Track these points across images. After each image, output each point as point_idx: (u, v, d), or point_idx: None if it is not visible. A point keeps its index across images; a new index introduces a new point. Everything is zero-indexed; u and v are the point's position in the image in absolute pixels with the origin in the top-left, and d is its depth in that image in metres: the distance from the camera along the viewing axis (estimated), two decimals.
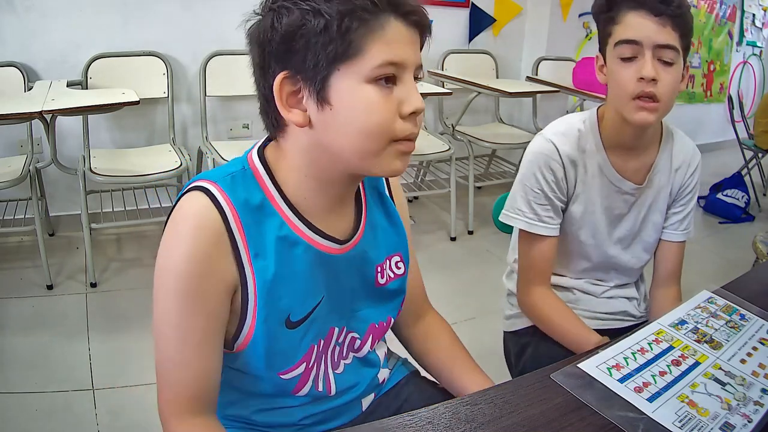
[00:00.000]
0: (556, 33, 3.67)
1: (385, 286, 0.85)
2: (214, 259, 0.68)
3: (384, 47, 0.65)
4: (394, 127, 0.67)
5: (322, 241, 0.75)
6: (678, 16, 0.98)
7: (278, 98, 0.67)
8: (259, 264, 0.70)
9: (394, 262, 0.86)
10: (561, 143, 1.12)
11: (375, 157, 0.68)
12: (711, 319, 0.92)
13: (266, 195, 0.72)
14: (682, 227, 1.21)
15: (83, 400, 1.68)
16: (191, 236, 0.67)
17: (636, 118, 1.03)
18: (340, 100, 0.65)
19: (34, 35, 2.53)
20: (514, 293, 1.31)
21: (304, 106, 0.67)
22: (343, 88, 0.65)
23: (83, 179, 2.32)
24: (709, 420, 0.70)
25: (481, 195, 3.48)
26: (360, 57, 0.64)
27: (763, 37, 5.70)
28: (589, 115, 1.16)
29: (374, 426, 0.71)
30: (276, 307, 0.72)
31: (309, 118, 0.67)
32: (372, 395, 0.92)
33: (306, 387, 0.80)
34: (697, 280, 1.18)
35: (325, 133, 0.68)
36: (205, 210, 0.68)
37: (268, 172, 0.73)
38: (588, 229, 1.18)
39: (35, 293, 2.25)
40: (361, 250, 0.81)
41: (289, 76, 0.66)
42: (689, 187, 1.19)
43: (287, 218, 0.73)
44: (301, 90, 0.67)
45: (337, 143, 0.68)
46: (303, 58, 0.65)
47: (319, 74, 0.65)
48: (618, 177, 1.14)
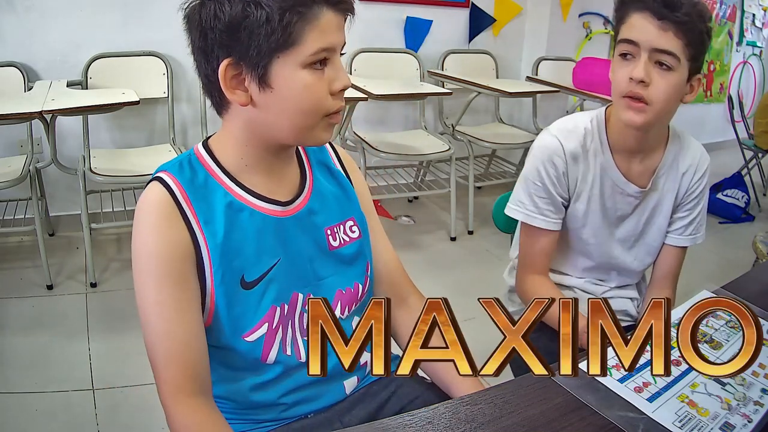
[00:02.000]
0: (556, 33, 3.67)
1: (340, 249, 0.89)
2: (169, 231, 0.75)
3: (318, 36, 0.72)
4: (326, 103, 0.76)
5: (265, 205, 0.82)
6: (684, 23, 0.97)
7: (223, 82, 0.74)
8: (209, 229, 0.78)
9: (348, 227, 0.91)
10: (565, 140, 1.12)
11: (309, 131, 0.77)
12: (711, 319, 0.92)
13: (209, 172, 0.81)
14: (687, 232, 1.20)
15: (83, 400, 1.68)
16: (147, 216, 0.76)
17: (623, 116, 1.04)
18: (280, 83, 0.73)
19: (34, 35, 2.53)
20: (515, 290, 1.31)
21: (246, 87, 0.74)
22: (282, 73, 0.72)
23: (83, 179, 2.32)
24: (709, 420, 0.70)
25: (481, 195, 3.48)
26: (298, 46, 0.71)
27: (763, 37, 5.70)
28: (596, 114, 1.16)
29: (374, 426, 0.71)
30: (229, 267, 0.78)
31: (251, 98, 0.75)
32: (355, 379, 0.92)
33: (273, 350, 0.83)
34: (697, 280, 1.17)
35: (266, 112, 0.76)
36: (156, 192, 0.77)
37: (210, 155, 0.82)
38: (590, 228, 1.18)
39: (35, 293, 2.25)
40: (309, 212, 0.87)
41: (232, 62, 0.73)
42: (696, 192, 1.19)
43: (229, 188, 0.81)
44: (244, 74, 0.73)
45: (276, 120, 0.76)
46: (246, 47, 0.71)
47: (261, 61, 0.72)
48: (622, 179, 1.14)
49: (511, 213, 1.19)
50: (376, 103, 3.00)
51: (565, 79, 3.40)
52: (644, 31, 0.99)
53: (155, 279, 0.75)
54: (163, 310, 0.75)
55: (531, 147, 1.18)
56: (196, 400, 0.75)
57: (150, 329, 0.76)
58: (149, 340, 0.76)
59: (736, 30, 5.35)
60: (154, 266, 0.75)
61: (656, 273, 1.24)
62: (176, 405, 0.74)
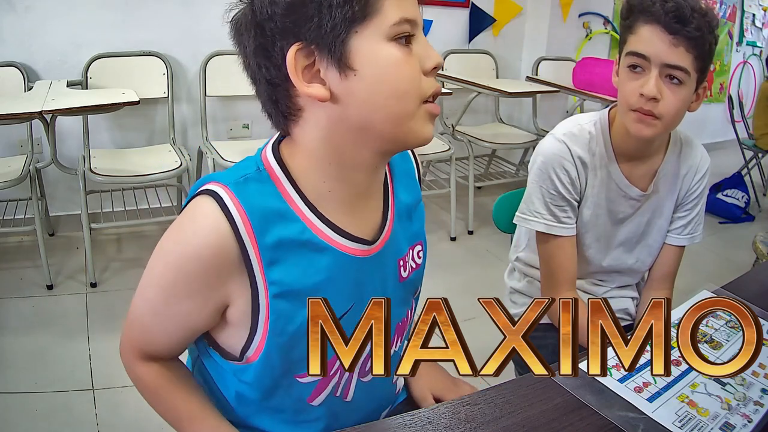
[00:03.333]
0: (556, 33, 3.67)
1: (408, 279, 0.79)
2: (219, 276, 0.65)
3: (397, 4, 0.61)
4: (422, 84, 0.63)
5: (350, 244, 0.70)
6: (694, 38, 0.96)
7: (294, 74, 0.61)
8: (274, 274, 0.65)
9: (416, 252, 0.81)
10: (573, 144, 1.11)
11: (409, 121, 0.64)
12: (711, 319, 0.92)
13: (284, 198, 0.66)
14: (685, 232, 1.20)
15: (83, 400, 1.68)
16: (194, 241, 0.64)
17: (632, 129, 1.03)
18: (364, 63, 0.61)
19: (34, 35, 2.52)
20: (516, 291, 1.31)
21: (322, 78, 0.62)
22: (365, 50, 0.60)
23: (83, 179, 2.32)
24: (709, 420, 0.70)
25: (481, 195, 3.48)
26: (377, 16, 0.60)
27: (763, 37, 5.70)
28: (600, 117, 1.15)
29: (374, 426, 0.71)
30: (294, 318, 0.67)
31: (330, 91, 0.62)
32: (389, 407, 0.89)
33: (323, 393, 0.75)
34: (697, 280, 1.17)
35: (352, 104, 0.62)
36: (213, 215, 0.63)
37: (284, 171, 0.67)
38: (593, 233, 1.18)
39: (35, 293, 2.25)
40: (389, 247, 0.75)
41: (302, 47, 0.60)
42: (696, 192, 1.18)
43: (309, 222, 0.67)
44: (317, 61, 0.61)
45: (366, 112, 0.63)
46: (318, 24, 0.59)
47: (338, 39, 0.60)
48: (626, 182, 1.14)
49: (526, 224, 1.15)
50: None
51: (565, 79, 3.40)
52: (655, 45, 0.97)
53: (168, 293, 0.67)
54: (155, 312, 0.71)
55: (537, 152, 1.15)
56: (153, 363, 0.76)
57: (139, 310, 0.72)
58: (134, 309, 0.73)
59: (736, 30, 5.34)
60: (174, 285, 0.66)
61: (654, 273, 1.23)
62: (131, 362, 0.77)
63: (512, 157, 3.71)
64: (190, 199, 0.67)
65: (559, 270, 1.15)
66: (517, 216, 1.18)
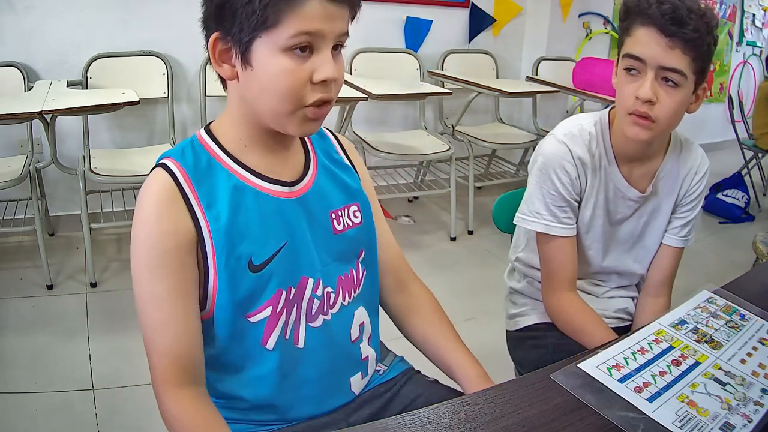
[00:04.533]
0: (556, 33, 3.67)
1: (344, 233, 0.89)
2: (168, 220, 0.75)
3: (300, 20, 0.71)
4: (303, 92, 0.74)
5: (270, 186, 0.82)
6: (691, 41, 0.95)
7: (212, 54, 0.77)
8: (212, 213, 0.77)
9: (351, 211, 0.91)
10: (573, 145, 1.11)
11: (285, 118, 0.76)
12: (711, 319, 0.92)
13: (211, 155, 0.81)
14: (682, 233, 1.19)
15: (83, 400, 1.68)
16: (147, 204, 0.76)
17: (629, 132, 1.03)
18: (259, 64, 0.73)
19: (34, 35, 2.53)
20: (516, 291, 1.31)
21: (233, 62, 0.76)
22: (262, 53, 0.73)
23: (83, 179, 2.32)
24: (709, 420, 0.70)
25: (481, 195, 3.48)
26: (277, 27, 0.71)
27: (763, 37, 5.70)
28: (600, 118, 1.14)
29: (374, 426, 0.71)
30: (235, 251, 0.78)
31: (237, 74, 0.76)
32: (359, 375, 0.91)
33: (274, 334, 0.82)
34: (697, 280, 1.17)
35: (247, 90, 0.77)
36: (159, 179, 0.77)
37: (212, 138, 0.82)
38: (592, 233, 1.18)
39: (35, 293, 2.25)
40: (314, 194, 0.86)
41: (220, 36, 0.75)
42: (694, 194, 1.18)
43: (233, 170, 0.80)
44: (230, 48, 0.75)
45: (255, 101, 0.77)
46: (231, 23, 0.73)
47: (243, 39, 0.73)
48: (625, 183, 1.13)
49: (526, 224, 1.15)
50: (376, 103, 3.00)
51: (565, 79, 3.40)
52: (651, 48, 0.97)
53: (150, 270, 0.75)
54: (157, 301, 0.75)
55: (537, 152, 1.15)
56: (187, 390, 0.76)
57: (144, 319, 0.76)
58: (144, 329, 0.77)
59: (736, 30, 5.34)
60: (150, 257, 0.75)
61: (652, 277, 1.23)
62: (166, 394, 0.75)
63: (512, 157, 3.71)
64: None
65: (560, 270, 1.15)
66: (517, 216, 1.18)
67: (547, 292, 1.17)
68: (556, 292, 1.15)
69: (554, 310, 1.17)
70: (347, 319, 0.90)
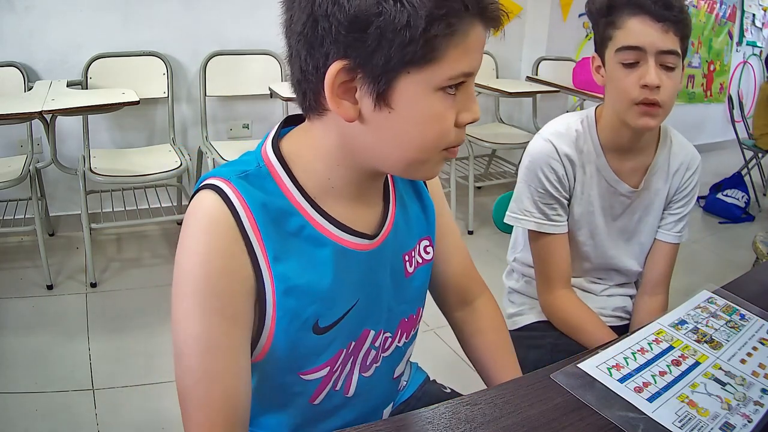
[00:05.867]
0: (556, 33, 3.67)
1: (414, 274, 0.79)
2: (231, 256, 0.62)
3: (463, 56, 0.58)
4: (450, 137, 0.62)
5: (351, 239, 0.68)
6: (680, 21, 0.98)
7: (329, 89, 0.58)
8: (279, 269, 0.64)
9: (423, 247, 0.80)
10: (559, 143, 1.12)
11: (422, 165, 0.64)
12: (711, 319, 0.92)
13: (284, 194, 0.65)
14: (676, 229, 1.20)
15: (83, 400, 1.68)
16: (204, 233, 0.61)
17: (639, 123, 1.03)
18: (404, 105, 0.59)
19: (34, 35, 2.53)
20: (514, 291, 1.31)
21: (356, 99, 0.59)
22: (409, 93, 0.58)
23: (83, 179, 2.32)
24: (709, 420, 0.70)
25: (481, 195, 3.48)
26: (437, 64, 0.57)
27: (763, 37, 5.70)
28: (586, 115, 1.16)
29: (374, 426, 0.71)
30: (301, 315, 0.66)
31: (359, 113, 0.60)
32: (391, 404, 0.88)
33: (325, 391, 0.74)
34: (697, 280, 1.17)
35: (376, 133, 0.61)
36: (217, 208, 0.61)
37: (284, 168, 0.66)
38: (586, 229, 1.18)
39: (35, 293, 2.25)
40: (390, 241, 0.74)
41: (347, 67, 0.57)
42: (687, 190, 1.19)
43: (310, 217, 0.66)
44: (357, 82, 0.58)
45: (386, 147, 0.62)
46: (372, 52, 0.56)
47: (387, 75, 0.57)
48: (615, 178, 1.14)
49: (517, 223, 1.16)
50: None
51: (565, 79, 3.40)
52: (648, 35, 0.98)
53: (202, 306, 0.61)
54: (207, 347, 0.62)
55: (525, 152, 1.16)
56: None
57: (185, 365, 0.62)
58: (183, 376, 0.63)
59: (736, 30, 5.35)
60: (202, 291, 0.61)
61: (648, 276, 1.23)
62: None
63: (512, 157, 3.71)
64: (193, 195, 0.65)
65: (553, 268, 1.16)
66: (507, 215, 1.19)
67: (542, 290, 1.18)
68: (551, 290, 1.16)
69: (550, 308, 1.18)
70: (397, 359, 0.83)
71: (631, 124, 1.04)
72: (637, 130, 1.06)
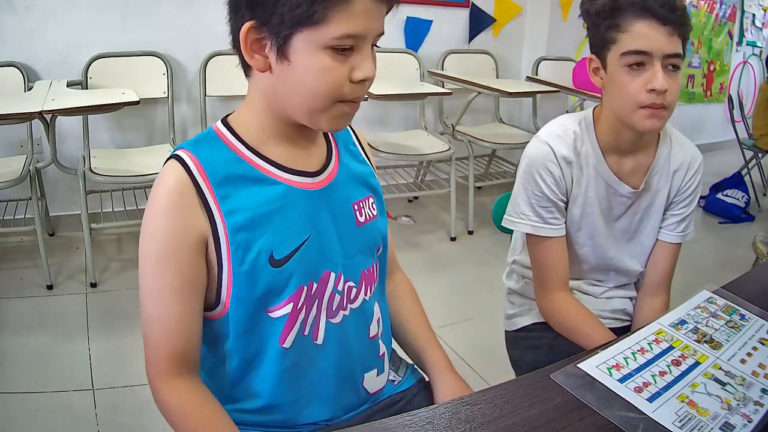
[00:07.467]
0: (556, 33, 3.67)
1: (365, 225, 0.88)
2: (180, 216, 0.73)
3: (347, 20, 0.68)
4: (343, 90, 0.72)
5: (293, 177, 0.79)
6: (683, 24, 0.98)
7: (243, 44, 0.72)
8: (228, 207, 0.75)
9: (370, 203, 0.90)
10: (557, 145, 1.11)
11: (319, 114, 0.74)
12: (711, 319, 0.92)
13: (229, 147, 0.78)
14: (678, 229, 1.19)
15: (83, 400, 1.68)
16: (160, 195, 0.74)
17: (646, 125, 1.03)
18: (298, 59, 0.71)
19: (34, 35, 2.53)
20: (514, 292, 1.31)
21: (266, 53, 0.72)
22: (301, 49, 0.70)
23: (83, 179, 2.32)
24: (709, 420, 0.70)
25: (481, 195, 3.48)
26: (323, 25, 0.68)
27: (763, 37, 5.70)
28: (584, 116, 1.15)
29: (374, 426, 0.71)
30: (254, 246, 0.75)
31: (270, 65, 0.73)
32: (374, 372, 0.89)
33: (292, 332, 0.80)
34: (697, 280, 1.17)
35: (281, 83, 0.74)
36: (172, 173, 0.74)
37: (229, 130, 0.79)
38: (586, 230, 1.18)
39: (35, 293, 2.25)
40: (337, 185, 0.84)
41: (255, 26, 0.71)
42: (689, 189, 1.18)
43: (252, 162, 0.78)
44: (265, 39, 0.71)
45: (288, 95, 0.74)
46: (270, 13, 0.69)
47: (282, 32, 0.69)
48: (615, 179, 1.14)
49: (514, 226, 1.16)
50: (376, 103, 3.00)
51: (565, 79, 3.40)
52: (655, 39, 0.98)
53: (155, 264, 0.74)
54: (158, 296, 0.75)
55: (523, 155, 1.16)
56: (181, 380, 0.76)
57: (144, 311, 0.76)
58: (143, 320, 0.77)
59: (736, 30, 5.35)
60: (156, 252, 0.74)
61: (650, 276, 1.23)
62: (160, 383, 0.76)
63: (512, 157, 3.71)
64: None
65: (550, 270, 1.15)
66: (505, 219, 1.18)
67: (540, 292, 1.18)
68: (549, 293, 1.16)
69: (548, 311, 1.17)
70: (368, 315, 0.88)
71: (638, 127, 1.04)
72: (642, 132, 1.06)
